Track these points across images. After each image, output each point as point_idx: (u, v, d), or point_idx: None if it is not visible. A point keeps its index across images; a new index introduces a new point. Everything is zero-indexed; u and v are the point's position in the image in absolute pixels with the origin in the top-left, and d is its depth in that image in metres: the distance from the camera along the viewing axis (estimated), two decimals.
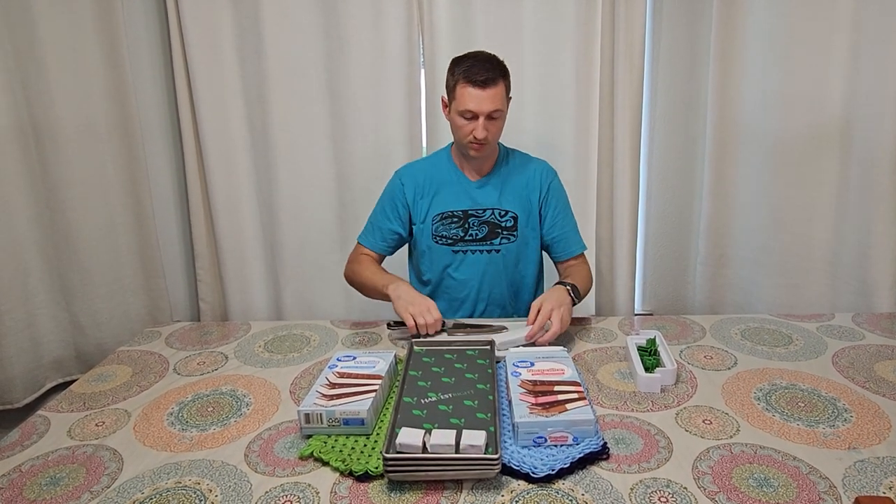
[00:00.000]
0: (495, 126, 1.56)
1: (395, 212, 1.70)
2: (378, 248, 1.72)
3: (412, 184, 1.69)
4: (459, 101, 1.53)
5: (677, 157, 2.28)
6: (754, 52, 2.05)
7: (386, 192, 1.74)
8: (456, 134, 1.60)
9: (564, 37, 2.08)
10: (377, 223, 1.73)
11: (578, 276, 1.64)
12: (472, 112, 1.52)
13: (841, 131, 1.97)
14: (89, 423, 1.22)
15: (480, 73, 1.50)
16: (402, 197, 1.69)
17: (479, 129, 1.52)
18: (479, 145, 1.57)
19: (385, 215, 1.71)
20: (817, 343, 1.48)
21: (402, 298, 1.50)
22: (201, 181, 2.23)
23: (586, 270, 1.71)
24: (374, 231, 1.73)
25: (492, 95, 1.51)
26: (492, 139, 1.57)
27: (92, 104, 2.03)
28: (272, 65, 2.11)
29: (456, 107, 1.55)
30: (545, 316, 1.41)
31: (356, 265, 1.70)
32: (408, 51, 2.11)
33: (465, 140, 1.57)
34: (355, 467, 1.01)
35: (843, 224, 2.02)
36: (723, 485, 0.97)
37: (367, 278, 1.65)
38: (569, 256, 1.72)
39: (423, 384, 1.21)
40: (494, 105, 1.52)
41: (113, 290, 2.17)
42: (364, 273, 1.66)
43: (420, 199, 1.69)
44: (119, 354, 1.54)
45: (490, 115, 1.52)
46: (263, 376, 1.39)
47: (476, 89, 1.50)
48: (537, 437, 1.06)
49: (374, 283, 1.62)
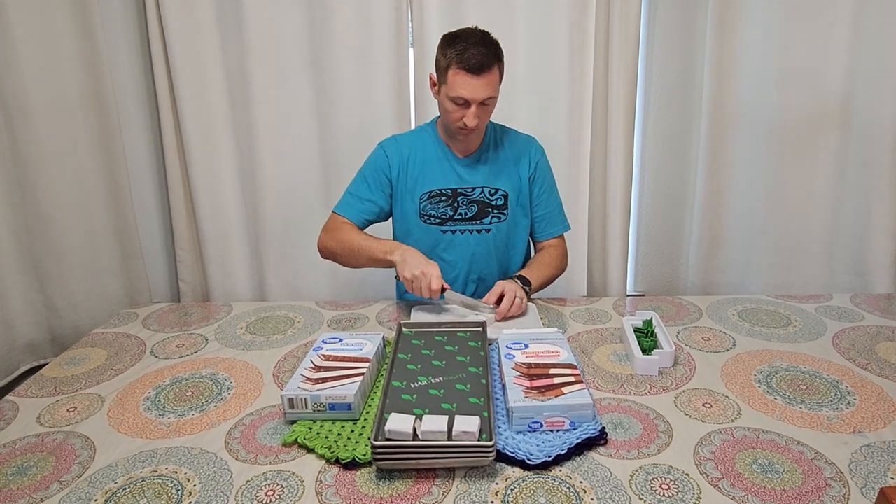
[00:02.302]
0: (487, 112, 1.50)
1: (378, 184, 1.62)
2: (358, 220, 1.61)
3: (397, 157, 1.61)
4: (451, 86, 1.44)
5: (672, 134, 2.23)
6: (752, 26, 2.00)
7: (369, 163, 1.65)
8: (445, 117, 1.53)
9: (558, 11, 2.02)
10: (358, 193, 1.63)
11: (548, 260, 1.66)
12: (464, 99, 1.44)
13: (841, 109, 1.93)
14: (60, 408, 1.16)
15: (474, 58, 1.41)
16: (386, 169, 1.61)
17: (469, 117, 1.45)
18: (468, 130, 1.50)
19: (367, 186, 1.62)
20: (816, 324, 1.45)
21: (408, 263, 1.43)
22: (180, 157, 2.15)
23: (560, 252, 1.70)
24: (355, 202, 1.62)
25: (486, 83, 1.43)
26: (482, 125, 1.51)
27: (63, 76, 1.93)
28: (253, 35, 2.02)
29: (447, 91, 1.46)
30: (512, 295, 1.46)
31: (339, 233, 1.57)
32: (396, 23, 2.03)
33: (455, 125, 1.50)
34: (342, 454, 0.97)
35: (840, 204, 1.99)
36: (726, 471, 0.93)
37: (359, 245, 1.52)
38: (549, 237, 1.70)
39: (413, 367, 1.16)
40: (488, 93, 1.44)
41: (89, 271, 2.10)
42: (355, 240, 1.54)
43: (404, 175, 1.61)
44: (93, 337, 1.47)
45: (482, 102, 1.45)
46: (245, 359, 1.34)
47: (470, 76, 1.42)
48: (532, 423, 1.01)
49: (370, 249, 1.51)
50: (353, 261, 1.56)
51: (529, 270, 1.60)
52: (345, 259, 1.58)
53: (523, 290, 1.51)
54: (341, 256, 1.58)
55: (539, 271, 1.61)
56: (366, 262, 1.54)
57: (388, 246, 1.50)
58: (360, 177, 1.65)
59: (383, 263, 1.50)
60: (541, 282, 1.61)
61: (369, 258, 1.52)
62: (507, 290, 1.47)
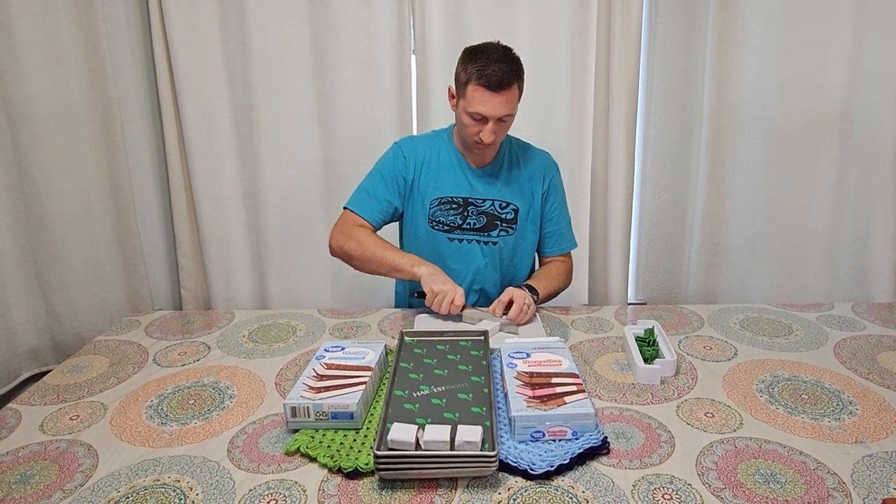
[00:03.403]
0: (504, 129, 1.50)
1: (395, 184, 1.60)
2: (374, 220, 1.58)
3: (414, 159, 1.61)
4: (470, 101, 1.44)
5: (673, 142, 2.24)
6: (753, 35, 2.01)
7: (385, 161, 1.63)
8: (461, 130, 1.53)
9: (560, 19, 2.03)
10: (375, 192, 1.60)
11: (555, 272, 1.67)
12: (482, 115, 1.44)
13: (841, 117, 1.94)
14: (63, 416, 1.16)
15: (495, 75, 1.40)
16: (403, 169, 1.60)
17: (486, 133, 1.45)
18: (484, 146, 1.50)
19: (385, 185, 1.59)
20: (818, 333, 1.45)
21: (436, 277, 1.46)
22: (183, 165, 2.15)
23: (567, 268, 1.71)
24: (371, 200, 1.59)
25: (505, 100, 1.43)
26: (498, 141, 1.52)
27: (68, 84, 1.94)
28: (256, 44, 2.03)
29: (465, 106, 1.46)
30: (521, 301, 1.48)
31: (358, 236, 1.54)
32: (398, 31, 2.04)
33: (471, 139, 1.50)
34: (344, 464, 0.97)
35: (841, 212, 1.99)
36: (728, 481, 0.93)
37: (382, 255, 1.50)
38: (557, 253, 1.71)
39: (415, 376, 1.16)
40: (506, 110, 1.44)
41: (91, 278, 2.10)
42: (377, 249, 1.51)
43: (418, 178, 1.60)
44: (96, 344, 1.48)
45: (500, 119, 1.45)
46: (248, 367, 1.34)
47: (489, 93, 1.41)
48: (535, 432, 1.01)
49: (393, 261, 1.50)
50: (371, 268, 1.54)
51: (537, 281, 1.61)
52: (361, 264, 1.55)
53: (532, 298, 1.52)
54: (357, 260, 1.55)
55: (546, 282, 1.62)
56: (386, 272, 1.53)
57: (414, 260, 1.50)
58: (378, 174, 1.62)
59: (406, 276, 1.50)
60: (547, 293, 1.62)
61: (392, 268, 1.51)
62: (516, 296, 1.48)
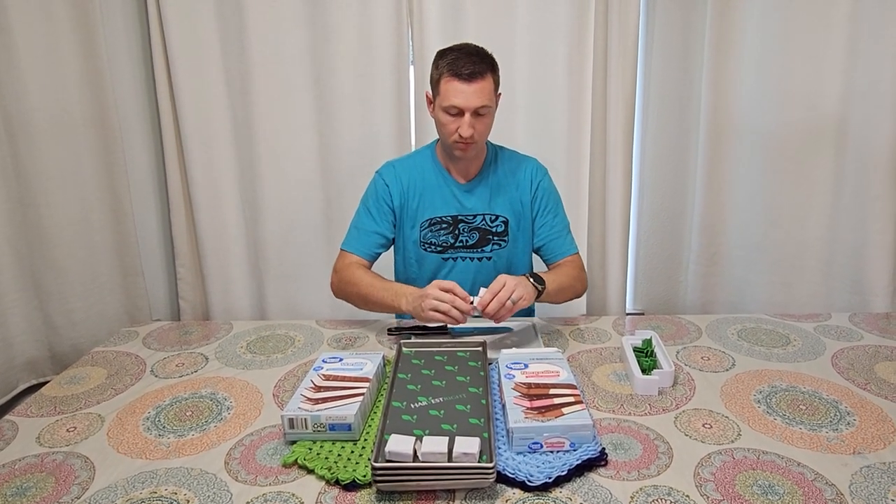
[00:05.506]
0: (482, 124, 1.47)
1: (381, 213, 1.60)
2: (367, 255, 1.59)
3: (397, 185, 1.59)
4: (444, 95, 1.44)
5: (670, 153, 2.25)
6: (749, 46, 2.02)
7: (369, 193, 1.63)
8: (441, 132, 1.51)
9: (557, 30, 2.04)
10: (363, 227, 1.61)
11: (562, 273, 1.56)
12: (457, 108, 1.43)
13: (837, 128, 1.95)
14: (60, 428, 1.16)
15: (466, 66, 1.40)
16: (387, 198, 1.59)
17: (464, 127, 1.43)
18: (465, 144, 1.47)
19: (371, 218, 1.60)
20: (815, 343, 1.45)
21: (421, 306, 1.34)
22: (182, 175, 2.16)
23: (576, 269, 1.61)
24: (361, 236, 1.60)
25: (478, 90, 1.42)
26: (479, 138, 1.48)
27: (67, 94, 1.94)
28: (255, 54, 2.04)
29: (440, 102, 1.45)
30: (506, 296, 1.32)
31: (350, 277, 1.54)
32: (396, 41, 2.05)
33: (451, 139, 1.48)
34: (342, 475, 0.96)
35: (837, 222, 2.00)
36: (726, 492, 0.93)
37: (370, 293, 1.49)
38: (561, 256, 1.64)
39: (413, 388, 1.16)
40: (481, 100, 1.43)
41: (89, 289, 2.09)
42: (365, 288, 1.50)
43: (406, 203, 1.59)
44: (93, 355, 1.47)
45: (477, 112, 1.43)
46: (245, 378, 1.34)
47: (462, 83, 1.41)
48: (532, 444, 1.01)
49: (381, 298, 1.47)
50: (369, 308, 1.54)
51: (545, 273, 1.51)
52: (360, 306, 1.56)
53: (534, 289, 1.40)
54: (356, 303, 1.56)
55: (555, 276, 1.52)
56: (381, 311, 1.51)
57: (395, 292, 1.45)
58: (363, 209, 1.62)
59: (396, 310, 1.47)
60: (558, 286, 1.49)
61: (383, 307, 1.49)
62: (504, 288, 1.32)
